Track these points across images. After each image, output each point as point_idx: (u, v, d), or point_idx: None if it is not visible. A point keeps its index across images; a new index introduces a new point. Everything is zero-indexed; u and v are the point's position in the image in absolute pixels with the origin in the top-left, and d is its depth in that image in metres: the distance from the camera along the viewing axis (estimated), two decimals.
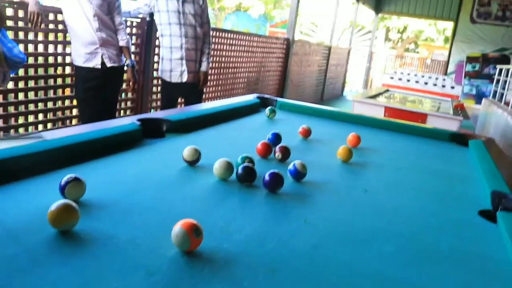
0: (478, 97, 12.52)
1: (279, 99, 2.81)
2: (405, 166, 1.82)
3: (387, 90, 7.25)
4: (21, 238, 0.85)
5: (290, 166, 1.43)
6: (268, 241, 0.97)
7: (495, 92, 8.86)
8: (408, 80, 8.81)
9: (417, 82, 8.78)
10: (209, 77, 4.34)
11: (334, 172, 1.62)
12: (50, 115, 3.37)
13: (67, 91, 3.49)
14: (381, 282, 0.87)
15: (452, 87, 8.68)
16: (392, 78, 8.95)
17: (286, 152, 1.63)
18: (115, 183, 1.20)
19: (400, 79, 8.81)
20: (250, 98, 2.77)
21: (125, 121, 1.74)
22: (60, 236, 0.88)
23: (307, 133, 2.06)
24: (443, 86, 8.66)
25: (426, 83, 8.73)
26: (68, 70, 3.44)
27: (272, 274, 0.84)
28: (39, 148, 1.26)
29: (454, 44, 13.27)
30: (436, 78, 9.67)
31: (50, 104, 3.34)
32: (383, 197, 1.40)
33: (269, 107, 2.48)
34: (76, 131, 1.52)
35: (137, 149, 1.56)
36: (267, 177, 1.28)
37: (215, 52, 5.51)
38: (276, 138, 1.84)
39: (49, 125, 3.34)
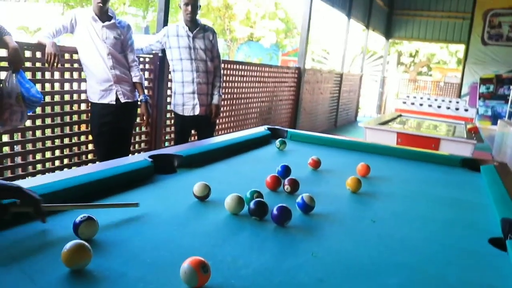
0: (494, 118, 12.46)
1: (289, 130, 2.85)
2: (415, 194, 1.83)
3: (400, 115, 7.26)
4: (36, 278, 0.89)
5: (298, 199, 1.45)
6: (275, 275, 1.00)
7: (510, 112, 8.82)
8: (421, 104, 8.82)
9: (430, 106, 8.78)
10: (221, 109, 4.41)
11: (343, 203, 1.64)
12: (66, 151, 3.45)
13: (83, 127, 3.59)
14: None
15: (466, 110, 8.65)
16: (404, 102, 8.96)
17: (295, 184, 1.66)
18: (127, 221, 1.24)
19: (413, 103, 8.82)
20: (261, 130, 2.82)
21: (137, 158, 1.79)
22: (73, 275, 0.91)
23: (316, 164, 2.09)
24: (457, 109, 8.64)
25: (439, 107, 8.72)
26: (83, 106, 3.54)
27: None
28: (53, 188, 1.31)
29: (467, 66, 13.30)
30: (450, 101, 9.65)
31: (66, 140, 3.43)
32: (390, 227, 1.42)
33: (279, 139, 2.52)
34: (90, 169, 1.57)
35: (149, 186, 1.60)
36: (275, 211, 1.31)
37: (226, 84, 5.61)
38: (286, 170, 1.86)
39: (65, 161, 3.43)
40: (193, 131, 4.20)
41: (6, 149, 3.01)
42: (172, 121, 4.49)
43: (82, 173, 1.49)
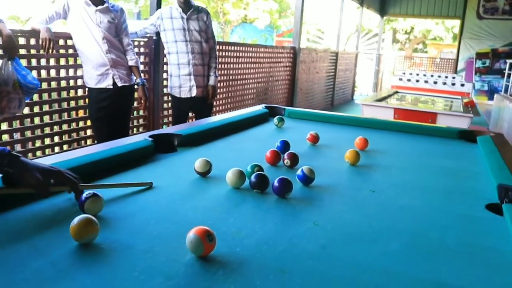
0: (491, 93, 12.46)
1: (287, 107, 2.87)
2: (413, 166, 1.86)
3: (396, 92, 7.26)
4: (46, 252, 0.91)
5: (298, 172, 1.47)
6: (278, 244, 1.02)
7: (507, 86, 8.82)
8: (417, 81, 8.81)
9: (426, 82, 8.77)
10: (217, 90, 4.41)
11: (342, 175, 1.67)
12: (65, 137, 3.46)
13: (81, 113, 3.59)
14: (388, 277, 0.91)
15: (462, 85, 8.66)
16: (401, 79, 8.96)
17: (294, 158, 1.68)
18: (130, 197, 1.26)
19: (409, 80, 8.82)
20: (258, 108, 2.83)
21: (137, 138, 1.81)
22: (82, 248, 0.94)
23: (315, 139, 2.11)
24: (453, 84, 8.64)
25: (435, 83, 8.72)
26: (80, 92, 3.54)
27: (282, 274, 0.89)
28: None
29: (462, 41, 13.25)
30: (446, 77, 9.65)
31: (65, 126, 3.44)
32: (389, 196, 1.44)
33: (277, 116, 2.53)
34: (91, 150, 1.58)
35: (150, 164, 1.62)
36: (276, 183, 1.33)
37: (222, 65, 5.60)
38: (285, 145, 1.88)
39: (65, 147, 3.44)
40: (190, 114, 4.21)
41: (5, 137, 3.02)
42: (170, 104, 4.50)
43: (83, 154, 1.50)
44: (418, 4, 14.13)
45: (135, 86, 3.41)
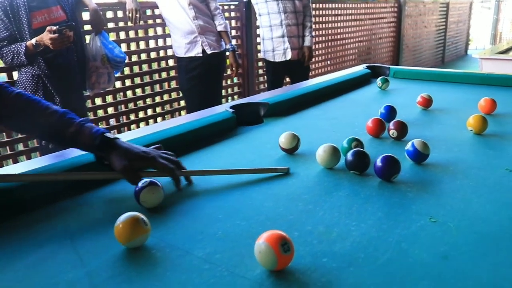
0: None
1: (392, 66, 2.49)
2: None
3: None
4: (85, 258, 0.74)
5: (408, 146, 1.17)
6: (381, 251, 0.75)
7: None
8: None
9: None
10: (315, 52, 4.09)
11: (465, 148, 1.32)
12: (159, 109, 3.41)
13: (173, 84, 3.51)
14: None
15: None
16: None
17: (402, 128, 1.37)
18: (200, 184, 1.06)
19: None
20: (359, 69, 2.50)
21: (218, 110, 1.61)
22: (127, 255, 0.75)
23: (427, 103, 1.75)
24: None
25: None
26: (171, 62, 3.45)
27: None
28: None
29: None
30: None
31: (157, 99, 3.39)
32: None
33: (380, 77, 2.19)
34: (165, 125, 1.41)
35: (230, 140, 1.41)
36: (379, 163, 1.05)
37: (319, 25, 5.23)
38: (390, 112, 1.57)
39: (159, 119, 3.39)
40: (287, 78, 3.95)
41: (100, 112, 3.02)
42: (264, 69, 4.29)
43: (161, 129, 1.34)
44: None
45: (226, 53, 3.23)
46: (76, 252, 0.77)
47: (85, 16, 2.78)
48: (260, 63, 4.33)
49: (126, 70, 3.08)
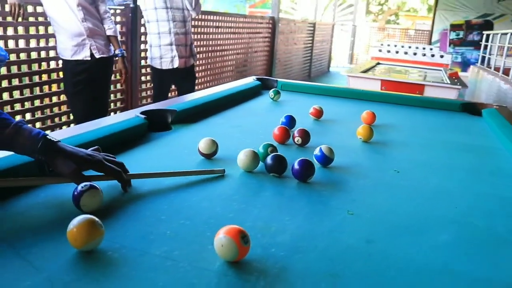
0: (464, 65, 12.55)
1: (279, 80, 2.69)
2: (428, 141, 1.73)
3: (378, 63, 7.15)
4: (38, 265, 0.73)
5: (317, 152, 1.31)
6: (318, 239, 0.87)
7: (483, 58, 8.82)
8: (397, 52, 8.71)
9: (406, 53, 8.67)
10: (197, 62, 4.18)
11: (359, 153, 1.52)
12: (38, 114, 3.20)
13: (54, 87, 3.32)
14: (449, 277, 0.77)
15: (442, 56, 8.60)
16: (380, 50, 8.83)
17: (306, 136, 1.52)
18: (133, 186, 1.08)
19: (388, 51, 8.70)
20: (250, 80, 2.64)
21: (127, 116, 1.61)
22: (84, 257, 0.76)
23: (319, 114, 1.95)
24: (432, 55, 8.58)
25: (415, 54, 8.63)
26: (53, 64, 3.26)
27: (334, 279, 0.74)
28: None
29: (437, 12, 13.21)
30: (424, 48, 9.58)
31: (37, 102, 3.18)
32: (417, 177, 1.30)
33: (272, 89, 2.35)
34: (76, 131, 1.38)
35: (145, 145, 1.43)
36: (296, 166, 1.17)
37: (201, 36, 5.34)
38: (291, 121, 1.72)
39: (37, 125, 3.18)
40: (173, 86, 3.97)
41: None
42: (148, 77, 4.26)
43: (69, 135, 1.30)
44: None
45: (115, 58, 3.16)
46: (25, 259, 0.74)
47: None
48: (144, 70, 4.29)
49: (3, 70, 2.84)
